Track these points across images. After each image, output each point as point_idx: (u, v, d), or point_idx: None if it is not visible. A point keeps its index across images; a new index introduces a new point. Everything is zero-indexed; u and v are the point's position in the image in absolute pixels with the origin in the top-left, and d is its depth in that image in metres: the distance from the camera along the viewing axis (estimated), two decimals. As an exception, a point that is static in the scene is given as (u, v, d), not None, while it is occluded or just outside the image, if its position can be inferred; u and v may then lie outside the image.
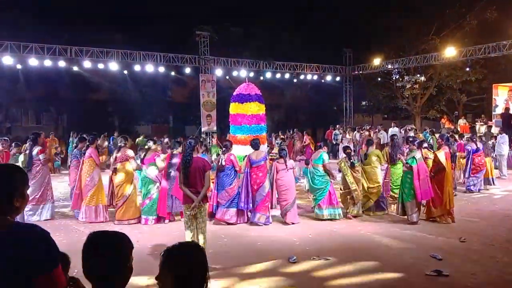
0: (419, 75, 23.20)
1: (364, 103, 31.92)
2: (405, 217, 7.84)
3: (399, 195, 8.06)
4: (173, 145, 8.49)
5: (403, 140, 10.76)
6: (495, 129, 16.89)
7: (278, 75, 23.12)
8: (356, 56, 24.66)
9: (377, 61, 22.50)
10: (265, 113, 10.92)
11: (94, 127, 19.29)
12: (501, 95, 20.47)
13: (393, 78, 24.71)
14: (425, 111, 25.16)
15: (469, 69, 22.13)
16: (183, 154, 5.73)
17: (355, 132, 18.88)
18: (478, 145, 11.33)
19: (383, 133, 17.73)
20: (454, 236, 6.85)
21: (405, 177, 7.90)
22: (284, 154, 8.16)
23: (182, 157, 5.71)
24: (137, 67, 19.29)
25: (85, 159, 8.17)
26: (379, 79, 25.43)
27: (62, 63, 17.74)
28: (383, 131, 18.20)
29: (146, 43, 20.17)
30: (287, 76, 23.61)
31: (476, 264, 5.54)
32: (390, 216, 8.38)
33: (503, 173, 13.17)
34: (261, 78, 22.69)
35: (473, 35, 20.97)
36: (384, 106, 28.38)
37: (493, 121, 18.99)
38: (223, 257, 5.92)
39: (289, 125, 24.51)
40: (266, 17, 24.60)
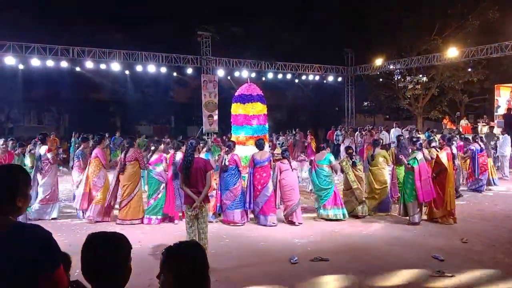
0: (421, 75, 23.18)
1: (365, 104, 31.91)
2: (407, 218, 7.84)
3: (401, 196, 8.07)
4: (176, 145, 8.49)
5: (408, 141, 10.76)
6: (497, 130, 16.85)
7: (279, 76, 23.14)
8: (357, 56, 24.65)
9: (379, 62, 22.49)
10: (266, 113, 10.93)
11: (95, 127, 19.32)
12: (503, 96, 20.40)
13: (395, 78, 24.69)
14: (427, 111, 25.12)
15: (471, 69, 22.10)
16: (184, 154, 5.74)
17: (357, 133, 18.87)
18: (481, 145, 11.39)
19: (385, 134, 17.71)
20: (455, 236, 6.85)
21: (406, 178, 7.90)
22: (287, 154, 8.17)
23: (183, 157, 5.72)
24: (139, 68, 19.34)
25: (91, 159, 8.19)
26: (380, 80, 25.41)
27: (64, 64, 17.80)
28: (385, 131, 18.18)
29: (147, 43, 20.19)
30: (288, 76, 23.63)
31: (477, 264, 5.53)
32: (391, 216, 8.37)
33: (505, 173, 13.14)
34: (263, 78, 22.70)
35: (475, 36, 20.93)
36: (385, 106, 28.36)
37: (495, 121, 18.94)
38: (224, 258, 5.93)
39: (291, 126, 24.51)
40: (267, 17, 24.59)
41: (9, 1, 20.46)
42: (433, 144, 9.21)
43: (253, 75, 21.18)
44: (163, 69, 20.15)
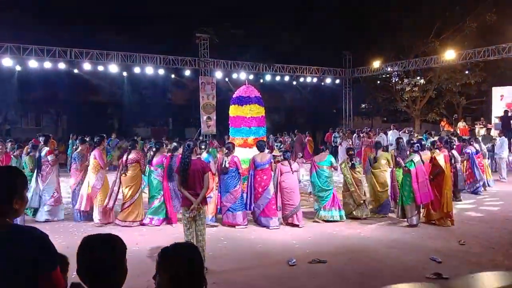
0: (418, 77, 23.24)
1: (363, 106, 31.97)
2: (405, 220, 7.84)
3: (399, 198, 8.08)
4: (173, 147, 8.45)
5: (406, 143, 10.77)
6: (494, 132, 16.91)
7: (277, 78, 23.16)
8: (355, 58, 24.70)
9: (376, 64, 22.55)
10: (264, 115, 10.93)
11: (93, 129, 19.28)
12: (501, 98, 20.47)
13: (393, 81, 24.76)
14: (424, 114, 25.18)
15: (468, 72, 22.16)
16: (181, 156, 5.72)
17: (354, 135, 18.89)
18: (476, 147, 11.44)
19: (383, 136, 17.73)
20: (453, 239, 6.85)
21: (404, 180, 7.90)
22: (288, 156, 8.16)
23: (180, 159, 5.70)
24: (136, 69, 19.32)
25: (92, 160, 8.15)
26: (378, 82, 25.47)
27: (62, 65, 17.77)
28: (383, 133, 18.21)
29: (145, 45, 20.21)
30: (286, 78, 23.65)
31: (475, 266, 5.53)
32: (390, 219, 8.38)
33: (503, 176, 13.16)
34: (260, 80, 22.72)
35: (472, 38, 21.00)
36: (383, 109, 28.41)
37: (492, 123, 19.00)
38: (222, 260, 5.92)
39: (289, 128, 24.53)
40: (265, 19, 24.62)
41: (7, 2, 20.44)
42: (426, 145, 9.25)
43: (251, 77, 21.19)
44: (161, 71, 20.13)
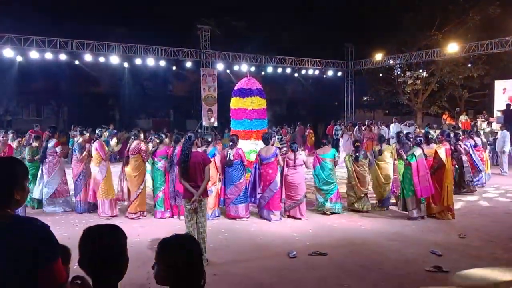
0: (421, 70, 23.12)
1: (365, 99, 31.89)
2: (407, 212, 7.86)
3: (401, 191, 8.13)
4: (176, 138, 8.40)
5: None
6: (496, 126, 16.86)
7: (279, 70, 23.07)
8: (357, 51, 24.59)
9: (379, 57, 22.44)
10: (266, 107, 10.91)
11: (94, 120, 19.27)
12: (503, 91, 20.39)
13: (395, 73, 24.65)
14: (426, 107, 25.11)
15: (471, 65, 22.05)
16: (182, 148, 5.72)
17: (356, 127, 18.87)
18: (476, 141, 11.44)
19: (385, 129, 17.72)
20: (454, 232, 6.86)
21: (405, 173, 7.91)
22: (295, 147, 8.04)
23: (181, 151, 5.70)
24: (138, 61, 19.26)
25: (93, 152, 8.14)
26: (380, 75, 25.36)
27: (63, 56, 17.74)
28: (384, 126, 18.19)
29: (147, 36, 20.10)
30: (288, 70, 23.56)
31: (475, 260, 5.55)
32: (391, 212, 8.39)
33: (504, 170, 13.14)
34: (262, 73, 22.64)
35: (475, 31, 20.86)
36: (385, 101, 28.33)
37: (495, 117, 18.94)
38: (223, 252, 5.94)
39: (290, 120, 24.49)
40: (267, 11, 24.48)
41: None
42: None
43: (253, 69, 21.12)
44: (162, 63, 20.07)
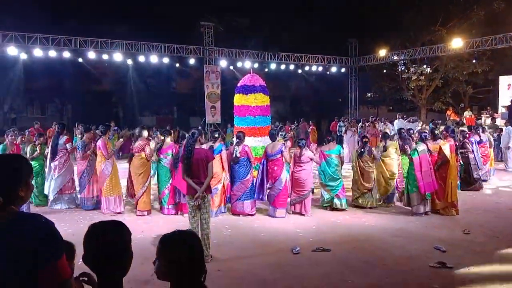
0: (425, 66, 23.03)
1: (369, 95, 31.78)
2: (411, 208, 7.86)
3: (405, 187, 8.16)
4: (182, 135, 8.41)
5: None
6: (501, 122, 16.78)
7: (282, 67, 23.02)
8: (361, 47, 24.49)
9: (382, 52, 22.35)
10: (269, 104, 10.89)
11: (98, 118, 19.32)
12: (508, 87, 20.28)
13: (399, 69, 24.55)
14: (430, 103, 25.02)
15: (475, 60, 21.93)
16: (185, 145, 5.72)
17: (360, 124, 18.82)
18: (482, 137, 11.44)
19: (388, 125, 17.68)
20: (458, 228, 6.85)
21: (410, 169, 7.91)
22: (303, 143, 8.01)
23: (184, 148, 5.71)
24: (141, 58, 19.25)
25: (97, 150, 8.18)
26: (384, 71, 25.26)
27: (66, 54, 17.78)
28: (388, 123, 18.14)
29: (150, 33, 20.11)
30: (291, 67, 23.51)
31: (479, 256, 5.54)
32: (395, 208, 8.39)
33: (509, 166, 13.08)
34: (265, 69, 22.60)
35: (480, 26, 20.74)
36: (389, 98, 28.24)
37: (499, 113, 18.85)
38: (227, 248, 5.96)
39: (294, 117, 24.45)
40: (270, 8, 24.43)
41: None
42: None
43: (256, 65, 21.07)
44: (166, 60, 20.07)
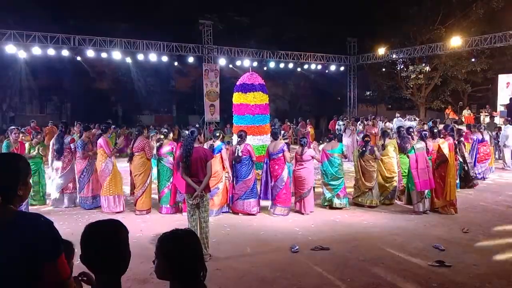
0: (423, 65, 23.04)
1: (368, 93, 31.79)
2: (410, 207, 7.88)
3: (406, 184, 8.18)
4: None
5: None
6: (499, 120, 16.80)
7: (282, 65, 23.01)
8: (360, 45, 24.50)
9: (381, 51, 22.35)
10: (268, 103, 10.89)
11: (97, 116, 19.32)
12: (507, 86, 20.31)
13: (398, 68, 24.55)
14: (429, 101, 25.03)
15: (474, 59, 21.94)
16: (184, 143, 5.72)
17: (358, 122, 18.83)
18: (484, 135, 11.51)
19: (388, 123, 17.72)
20: (457, 226, 6.86)
21: (409, 167, 7.93)
22: (304, 142, 7.96)
23: (183, 146, 5.70)
24: (140, 56, 19.23)
25: (98, 149, 8.13)
26: (383, 69, 25.27)
27: (65, 52, 17.75)
28: (388, 122, 18.17)
29: (149, 32, 20.10)
30: (291, 65, 23.50)
31: (478, 255, 5.55)
32: (394, 206, 8.39)
33: (507, 164, 13.10)
34: (264, 68, 22.58)
35: (479, 25, 20.75)
36: (388, 96, 28.26)
37: (498, 111, 18.86)
38: (226, 246, 5.96)
39: (292, 115, 24.46)
40: (270, 6, 24.40)
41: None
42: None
43: (255, 64, 21.06)
44: (165, 58, 20.05)
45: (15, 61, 20.12)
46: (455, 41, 18.90)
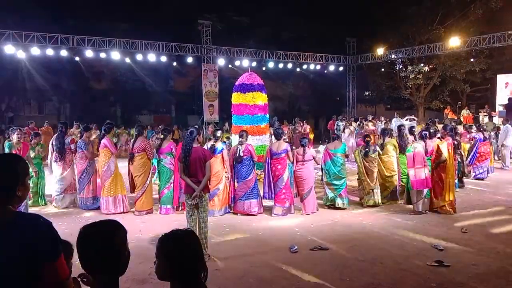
0: (422, 65, 23.06)
1: (367, 93, 31.84)
2: (410, 207, 7.89)
3: (406, 184, 8.19)
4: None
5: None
6: (498, 120, 16.82)
7: (280, 65, 23.01)
8: (359, 46, 24.51)
9: (380, 51, 22.37)
10: (267, 103, 10.89)
11: (96, 116, 19.30)
12: (506, 86, 20.33)
13: (397, 68, 24.58)
14: (428, 101, 25.06)
15: (473, 59, 21.96)
16: (183, 143, 5.72)
17: (358, 122, 18.83)
18: (484, 135, 11.64)
19: (388, 123, 17.73)
20: (455, 226, 6.87)
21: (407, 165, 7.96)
22: (305, 142, 7.96)
23: (182, 146, 5.71)
24: (139, 57, 19.22)
25: (100, 149, 8.07)
26: (382, 69, 25.30)
27: (64, 52, 17.74)
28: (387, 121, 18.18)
29: (148, 32, 20.08)
30: (290, 65, 23.50)
31: (477, 254, 5.56)
32: (393, 206, 8.39)
33: (506, 164, 13.12)
34: (263, 68, 22.59)
35: (478, 25, 20.77)
36: (387, 96, 28.28)
37: (497, 111, 18.89)
38: (225, 247, 5.96)
39: (292, 115, 24.46)
40: (269, 6, 24.40)
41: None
42: (438, 135, 9.20)
43: (254, 64, 21.05)
44: (163, 58, 20.04)
45: (14, 61, 20.09)
46: (454, 41, 18.93)
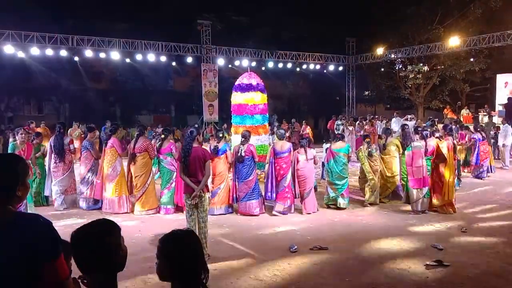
0: (422, 64, 23.06)
1: (366, 93, 31.83)
2: (409, 206, 7.89)
3: (405, 184, 8.21)
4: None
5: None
6: (498, 120, 16.83)
7: (280, 65, 23.00)
8: (359, 45, 24.51)
9: (380, 51, 22.36)
10: (267, 102, 10.88)
11: (96, 116, 19.30)
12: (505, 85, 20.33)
13: (396, 68, 24.58)
14: (428, 101, 25.06)
15: (472, 59, 21.96)
16: (183, 143, 5.72)
17: (357, 122, 18.84)
18: (483, 134, 11.71)
19: (391, 124, 17.75)
20: (455, 226, 6.87)
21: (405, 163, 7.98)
22: (304, 143, 8.01)
23: (182, 146, 5.71)
24: (138, 56, 19.20)
25: (107, 149, 8.02)
26: (382, 69, 25.30)
27: (63, 52, 17.73)
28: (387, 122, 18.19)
29: (147, 32, 20.07)
30: (289, 65, 23.49)
31: (476, 254, 5.56)
32: (393, 206, 8.40)
33: (506, 163, 13.14)
34: (263, 68, 22.58)
35: (477, 25, 20.78)
36: (386, 96, 28.28)
37: (496, 111, 18.89)
38: (224, 246, 5.97)
39: (291, 115, 24.46)
40: (268, 6, 24.40)
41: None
42: (437, 134, 9.21)
43: (254, 64, 21.04)
44: (163, 58, 20.03)
45: (13, 61, 20.07)
46: (453, 41, 18.93)
